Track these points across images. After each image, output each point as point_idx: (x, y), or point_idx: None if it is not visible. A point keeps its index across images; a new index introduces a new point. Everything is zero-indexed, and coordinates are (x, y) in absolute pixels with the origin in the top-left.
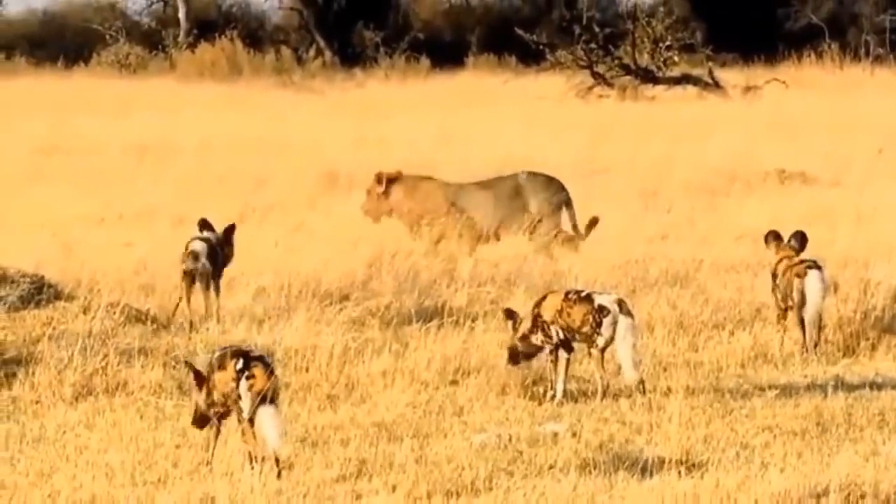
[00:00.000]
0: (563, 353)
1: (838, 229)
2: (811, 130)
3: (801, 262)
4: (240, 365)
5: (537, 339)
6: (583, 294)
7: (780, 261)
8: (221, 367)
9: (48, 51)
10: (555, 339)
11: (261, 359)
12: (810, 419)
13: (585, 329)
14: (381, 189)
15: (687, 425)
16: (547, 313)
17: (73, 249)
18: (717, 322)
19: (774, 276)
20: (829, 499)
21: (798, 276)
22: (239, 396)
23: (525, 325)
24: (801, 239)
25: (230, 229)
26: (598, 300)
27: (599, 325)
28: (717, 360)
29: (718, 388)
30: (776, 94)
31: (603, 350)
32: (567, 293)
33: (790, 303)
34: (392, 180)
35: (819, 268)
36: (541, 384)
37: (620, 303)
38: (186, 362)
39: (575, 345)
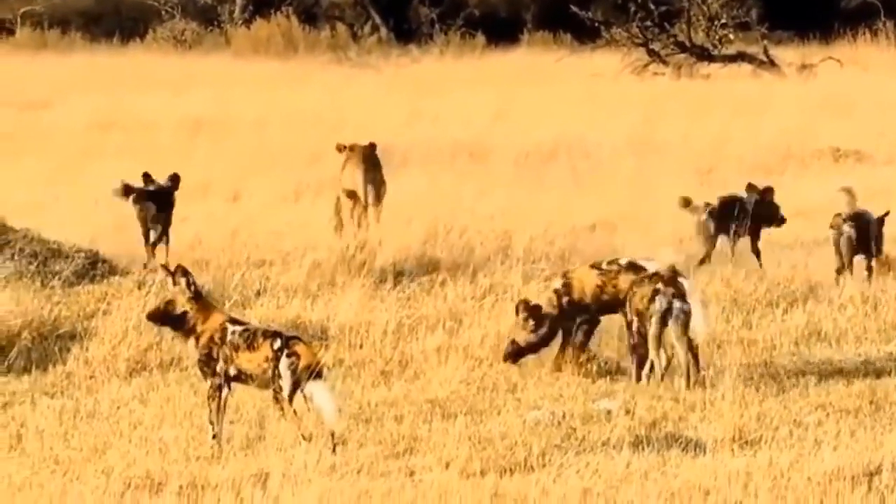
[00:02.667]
0: None
1: (893, 207)
2: (866, 109)
3: None
4: (278, 344)
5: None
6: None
7: None
8: (251, 346)
9: (103, 27)
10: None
11: (297, 337)
12: (864, 397)
13: None
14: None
15: (740, 403)
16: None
17: (128, 225)
18: (771, 300)
19: None
20: (881, 477)
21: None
22: (279, 375)
23: None
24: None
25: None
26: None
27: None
28: (771, 337)
29: (772, 366)
30: (831, 73)
31: None
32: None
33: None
34: (343, 149)
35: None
36: (594, 361)
37: None
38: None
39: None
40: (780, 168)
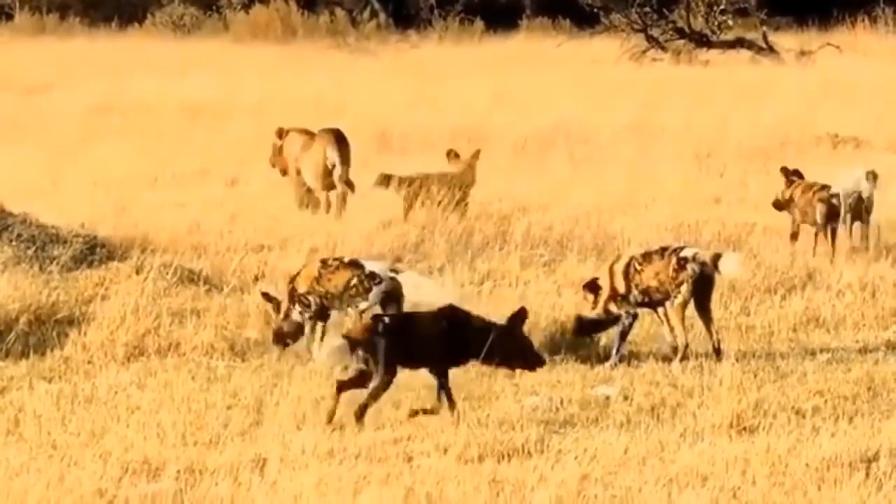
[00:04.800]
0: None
1: (891, 194)
2: (865, 95)
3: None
4: None
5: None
6: (346, 261)
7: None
8: None
9: (102, 11)
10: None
11: None
12: (861, 384)
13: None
14: (279, 143)
15: (738, 389)
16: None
17: (127, 209)
18: (769, 286)
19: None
20: (879, 463)
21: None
22: None
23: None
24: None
25: None
26: (369, 267)
27: (369, 290)
28: (769, 324)
29: (770, 353)
30: (830, 59)
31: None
32: (324, 261)
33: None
34: (285, 134)
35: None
36: (593, 347)
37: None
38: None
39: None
40: (779, 154)
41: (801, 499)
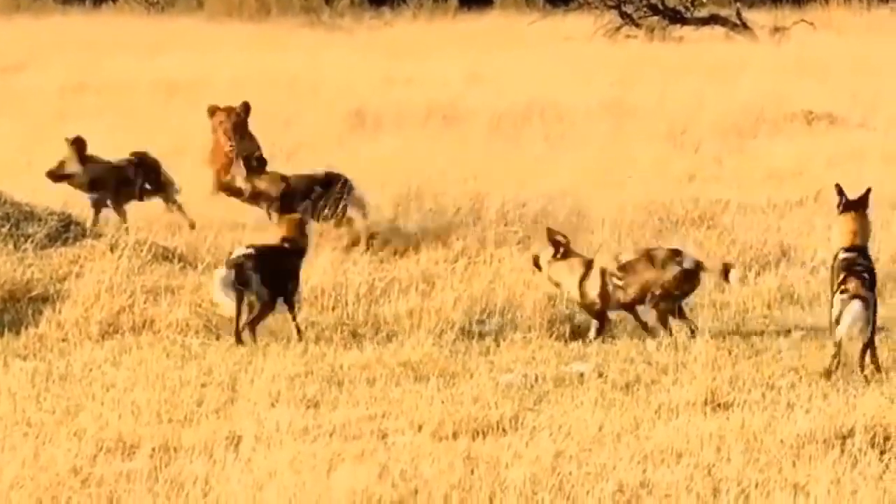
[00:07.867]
0: None
1: (865, 170)
2: (838, 72)
3: None
4: None
5: None
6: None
7: None
8: None
9: None
10: None
11: None
12: None
13: None
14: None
15: (713, 366)
16: None
17: None
18: (744, 263)
19: None
20: (854, 440)
21: None
22: None
23: None
24: None
25: None
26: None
27: None
28: (744, 301)
29: (745, 330)
30: (804, 36)
31: None
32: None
33: None
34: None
35: None
36: (567, 324)
37: None
38: None
39: None
40: (753, 131)
41: (776, 475)
